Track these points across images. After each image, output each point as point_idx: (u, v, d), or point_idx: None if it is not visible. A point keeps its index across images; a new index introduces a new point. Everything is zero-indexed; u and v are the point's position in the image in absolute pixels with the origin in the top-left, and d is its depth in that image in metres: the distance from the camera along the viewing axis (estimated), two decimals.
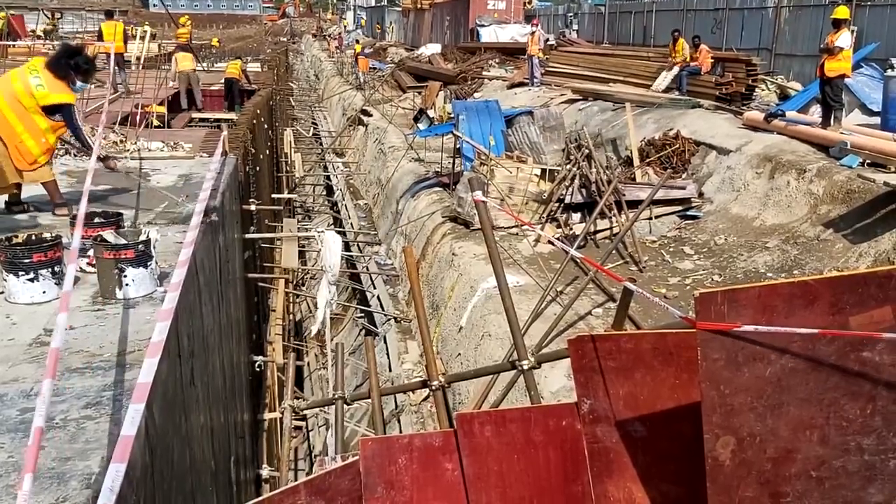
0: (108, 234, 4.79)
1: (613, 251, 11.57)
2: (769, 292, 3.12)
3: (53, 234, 4.82)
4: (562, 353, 4.37)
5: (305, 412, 12.95)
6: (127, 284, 4.61)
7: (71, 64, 6.61)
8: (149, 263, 4.69)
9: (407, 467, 4.04)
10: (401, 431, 9.74)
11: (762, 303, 3.13)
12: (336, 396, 4.83)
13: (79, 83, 6.73)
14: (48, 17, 35.51)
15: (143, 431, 3.27)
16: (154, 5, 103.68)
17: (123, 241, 4.71)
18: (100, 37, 19.58)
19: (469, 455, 4.03)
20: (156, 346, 3.41)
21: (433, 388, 4.39)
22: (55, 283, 4.64)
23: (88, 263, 5.04)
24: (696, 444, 3.60)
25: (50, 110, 6.54)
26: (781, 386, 3.31)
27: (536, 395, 4.10)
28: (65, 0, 79.22)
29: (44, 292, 4.61)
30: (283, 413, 9.96)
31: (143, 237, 4.77)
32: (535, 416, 4.09)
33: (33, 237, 4.76)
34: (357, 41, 50.80)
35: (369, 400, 10.65)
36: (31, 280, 4.57)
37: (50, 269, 4.62)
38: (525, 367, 4.08)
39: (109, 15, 22.38)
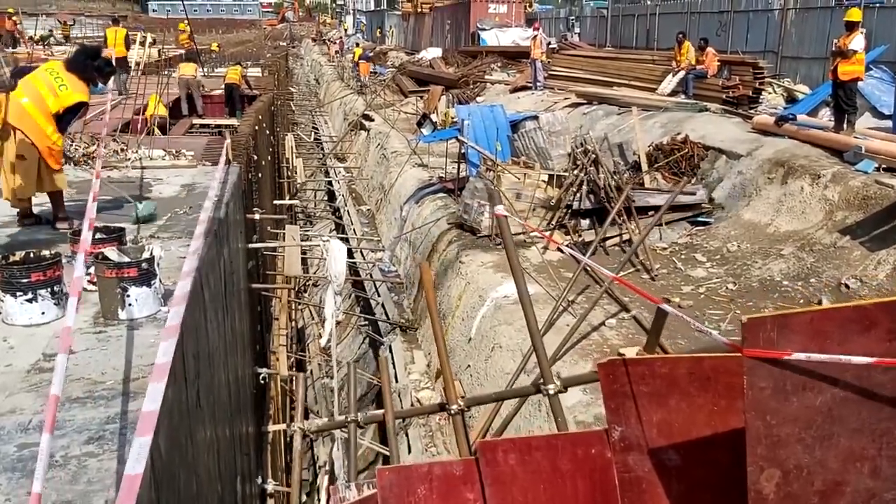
0: (110, 251, 4.57)
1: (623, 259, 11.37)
2: (822, 318, 2.91)
3: (53, 252, 4.60)
4: (589, 377, 4.15)
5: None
6: (130, 305, 4.40)
7: (94, 66, 6.60)
8: (152, 282, 4.48)
9: (427, 498, 3.83)
10: (409, 445, 9.53)
11: (814, 329, 2.92)
12: (349, 419, 4.61)
13: (100, 85, 6.75)
14: (61, 24, 35.49)
15: (149, 466, 3.06)
16: (153, 10, 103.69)
17: (126, 259, 4.49)
18: (105, 42, 20.08)
19: (492, 485, 3.82)
20: (161, 368, 3.19)
21: (452, 412, 4.17)
22: (55, 304, 4.43)
23: (89, 281, 4.82)
24: (734, 472, 3.39)
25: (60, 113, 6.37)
26: (832, 416, 3.10)
27: (563, 420, 3.88)
28: (64, 6, 79.22)
29: (43, 313, 4.39)
30: (292, 437, 9.77)
31: (146, 254, 4.55)
32: (563, 444, 3.88)
33: (32, 255, 4.54)
34: (357, 44, 50.67)
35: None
36: (30, 301, 4.35)
37: (49, 290, 4.41)
38: (551, 392, 3.86)
39: (116, 21, 22.59)
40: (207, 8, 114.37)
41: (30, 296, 4.34)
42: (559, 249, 11.55)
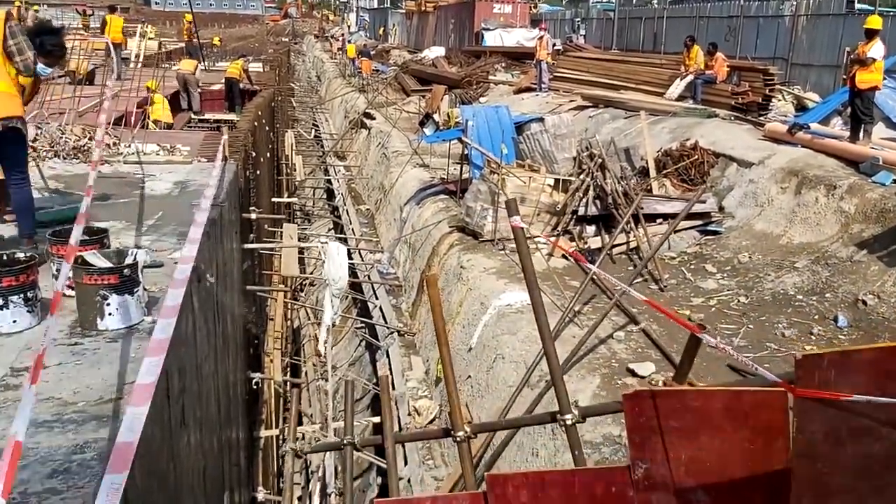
0: (90, 255, 4.21)
1: (632, 267, 11.03)
2: (887, 356, 2.57)
3: (28, 255, 4.24)
4: (612, 407, 3.81)
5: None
6: (110, 314, 4.04)
7: (36, 42, 5.72)
8: (135, 290, 4.12)
9: None
10: (405, 456, 9.17)
11: (877, 368, 2.58)
12: (345, 441, 4.25)
13: (40, 65, 5.76)
14: (80, 15, 35.17)
15: None
16: (156, 3, 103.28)
17: (107, 265, 4.13)
18: (103, 29, 20.98)
19: None
20: (142, 389, 2.84)
21: (458, 439, 3.82)
22: (28, 311, 4.07)
23: (67, 286, 4.46)
24: None
25: None
26: (890, 464, 2.76)
27: (581, 454, 3.53)
28: None
29: (14, 321, 4.04)
30: (284, 442, 9.42)
31: (128, 259, 4.19)
32: (581, 480, 3.53)
33: (4, 258, 4.18)
34: (349, 41, 50.29)
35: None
36: (0, 307, 3.99)
37: (23, 296, 4.05)
38: (568, 422, 3.52)
39: (113, 10, 22.88)
40: (210, 2, 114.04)
41: (0, 302, 3.98)
42: (564, 256, 11.20)
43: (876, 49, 11.11)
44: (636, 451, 3.36)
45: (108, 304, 4.04)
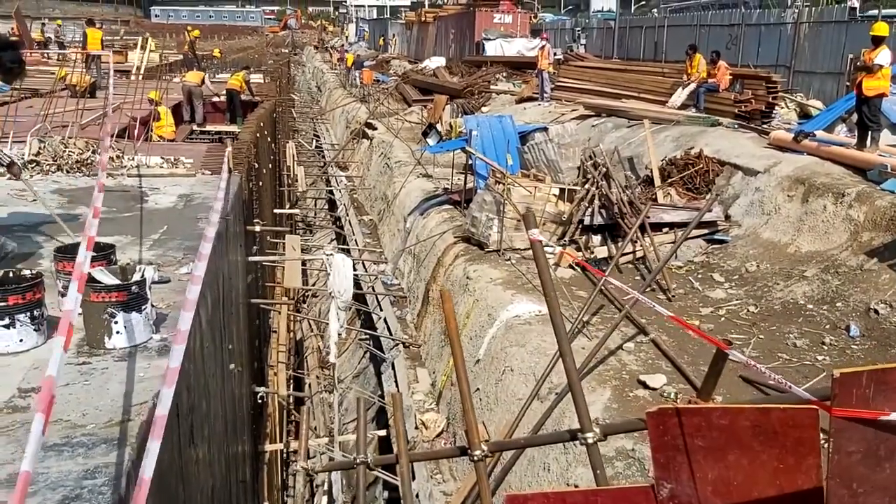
0: (97, 272, 4.12)
1: (639, 277, 10.95)
2: None
3: (34, 272, 4.16)
4: (634, 425, 3.71)
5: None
6: (118, 332, 3.96)
7: None
8: (143, 307, 4.03)
9: None
10: (413, 474, 9.04)
11: None
12: (358, 461, 4.16)
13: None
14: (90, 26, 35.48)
15: None
16: (156, 16, 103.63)
17: (115, 282, 4.04)
18: (84, 42, 21.58)
19: None
20: (159, 421, 2.75)
21: (475, 458, 3.72)
22: (34, 330, 3.99)
23: None
24: None
25: None
26: None
27: (603, 473, 3.43)
28: (67, 10, 79.14)
29: (21, 340, 3.95)
30: (289, 455, 9.35)
31: (136, 276, 4.11)
32: (603, 501, 3.43)
33: (10, 275, 4.09)
34: (347, 51, 50.50)
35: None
36: (7, 326, 3.91)
37: (29, 314, 3.96)
38: (590, 441, 3.42)
39: (91, 23, 23.21)
40: (210, 14, 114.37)
41: (6, 321, 3.90)
42: (571, 266, 11.12)
43: (883, 56, 11.05)
44: (661, 470, 3.26)
45: (116, 322, 3.96)
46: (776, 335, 8.66)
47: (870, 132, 11.45)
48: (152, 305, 4.22)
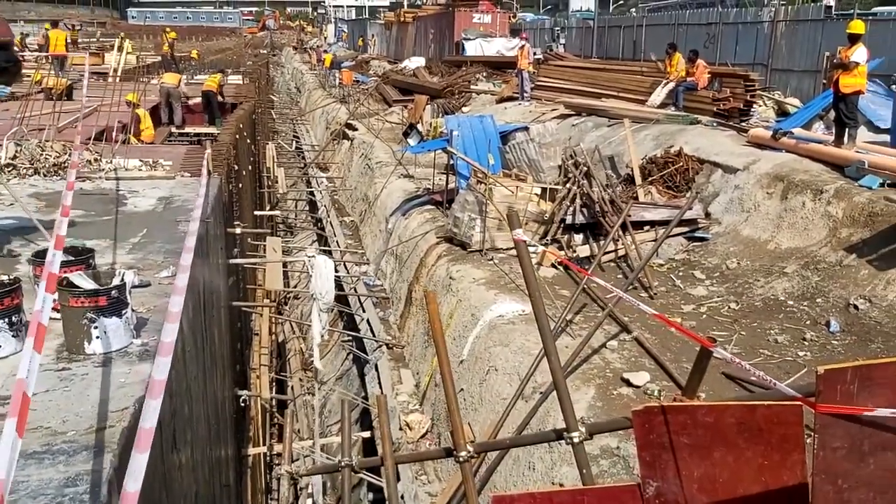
0: (77, 277, 4.07)
1: (620, 275, 10.99)
2: None
3: (11, 278, 4.09)
4: (619, 423, 3.72)
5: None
6: (98, 337, 3.91)
7: None
8: (124, 312, 3.99)
9: None
10: (398, 475, 9.02)
11: None
12: (343, 463, 4.13)
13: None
14: (69, 29, 34.94)
15: None
16: (133, 17, 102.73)
17: (94, 286, 3.99)
18: (47, 43, 21.52)
19: None
20: (145, 435, 2.70)
21: (460, 459, 3.71)
22: (13, 336, 3.93)
23: (53, 308, 4.31)
24: None
25: None
26: None
27: (589, 472, 3.43)
28: (42, 12, 78.34)
29: None
30: (272, 458, 9.28)
31: (116, 280, 4.06)
32: (590, 500, 3.43)
33: None
34: (326, 51, 50.45)
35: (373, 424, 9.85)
36: None
37: (7, 320, 3.90)
38: (575, 440, 3.42)
39: (55, 24, 23.09)
40: (188, 15, 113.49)
41: None
42: (553, 265, 11.14)
43: (859, 53, 11.16)
44: (646, 469, 3.27)
45: (96, 328, 3.91)
46: (757, 331, 8.72)
47: (847, 129, 11.56)
48: (133, 310, 4.17)
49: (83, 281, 4.05)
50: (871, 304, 8.53)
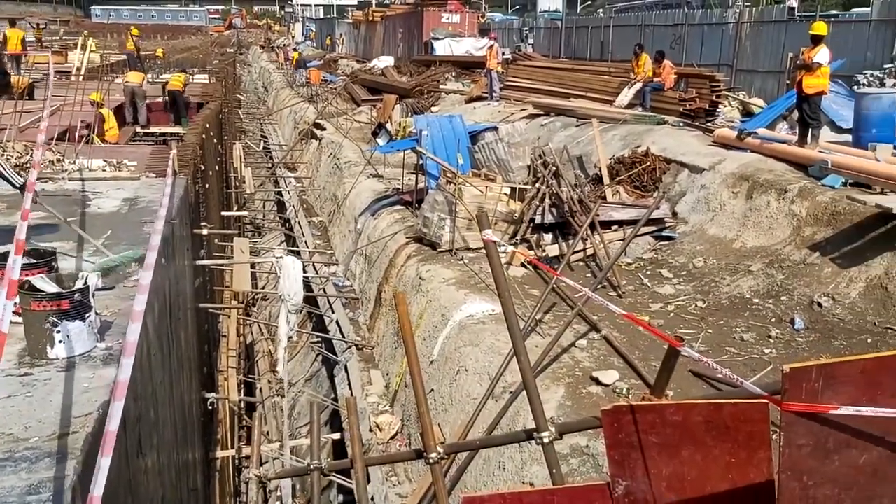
0: (38, 280, 3.99)
1: (589, 274, 11.05)
2: (877, 367, 2.54)
3: None
4: (589, 423, 3.73)
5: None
6: (60, 342, 3.83)
7: None
8: (87, 315, 3.91)
9: None
10: (368, 477, 8.99)
11: (867, 379, 2.55)
12: (311, 466, 4.11)
13: None
14: (34, 28, 34.41)
15: None
16: (96, 15, 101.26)
17: (56, 289, 3.91)
18: (5, 42, 21.37)
19: None
20: (109, 437, 2.65)
21: (431, 460, 3.70)
22: None
23: (15, 312, 4.23)
24: None
25: None
26: (877, 476, 2.73)
27: (559, 472, 3.44)
28: (3, 10, 76.88)
29: None
30: (241, 461, 9.19)
31: (79, 283, 3.99)
32: (560, 500, 3.44)
33: None
34: (294, 49, 50.20)
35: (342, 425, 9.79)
36: None
37: None
38: (545, 440, 3.43)
39: (13, 23, 22.97)
40: (153, 13, 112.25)
41: None
42: (523, 265, 11.17)
43: (821, 54, 11.34)
44: (616, 468, 3.29)
45: (59, 332, 3.83)
46: (724, 329, 8.82)
47: (810, 129, 11.74)
48: (96, 313, 4.10)
49: (45, 284, 3.98)
50: (834, 302, 8.67)
